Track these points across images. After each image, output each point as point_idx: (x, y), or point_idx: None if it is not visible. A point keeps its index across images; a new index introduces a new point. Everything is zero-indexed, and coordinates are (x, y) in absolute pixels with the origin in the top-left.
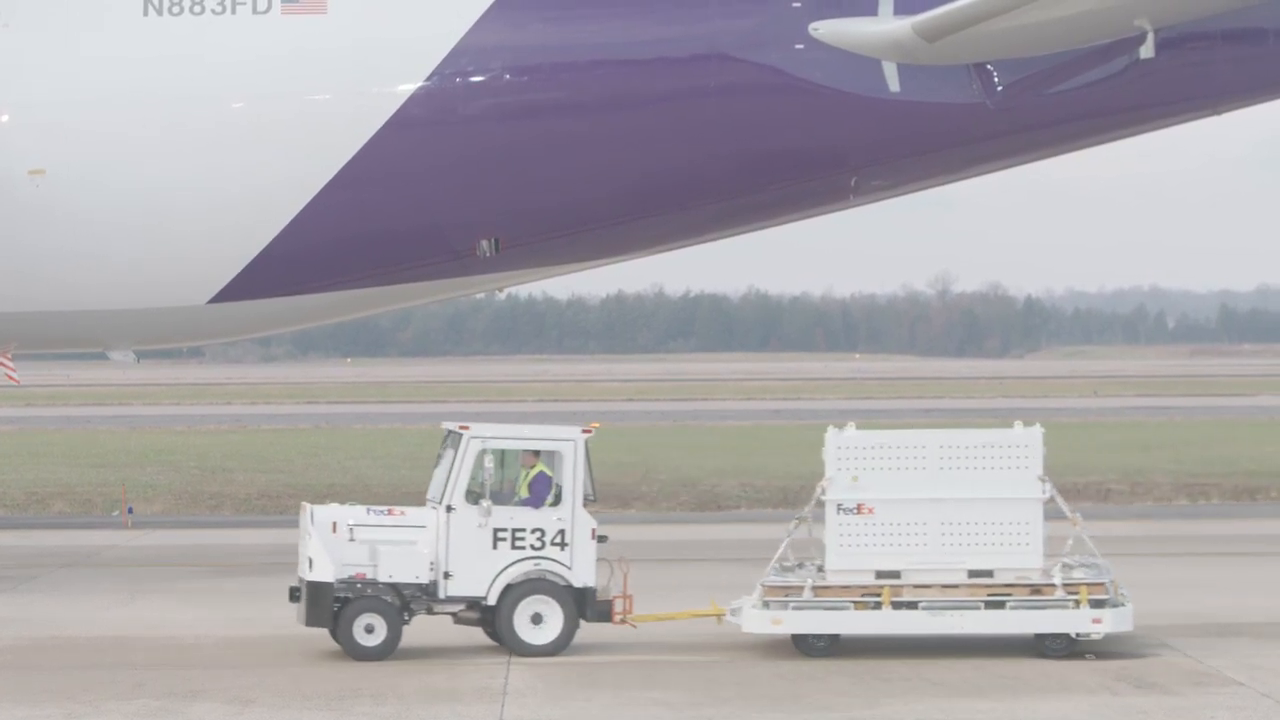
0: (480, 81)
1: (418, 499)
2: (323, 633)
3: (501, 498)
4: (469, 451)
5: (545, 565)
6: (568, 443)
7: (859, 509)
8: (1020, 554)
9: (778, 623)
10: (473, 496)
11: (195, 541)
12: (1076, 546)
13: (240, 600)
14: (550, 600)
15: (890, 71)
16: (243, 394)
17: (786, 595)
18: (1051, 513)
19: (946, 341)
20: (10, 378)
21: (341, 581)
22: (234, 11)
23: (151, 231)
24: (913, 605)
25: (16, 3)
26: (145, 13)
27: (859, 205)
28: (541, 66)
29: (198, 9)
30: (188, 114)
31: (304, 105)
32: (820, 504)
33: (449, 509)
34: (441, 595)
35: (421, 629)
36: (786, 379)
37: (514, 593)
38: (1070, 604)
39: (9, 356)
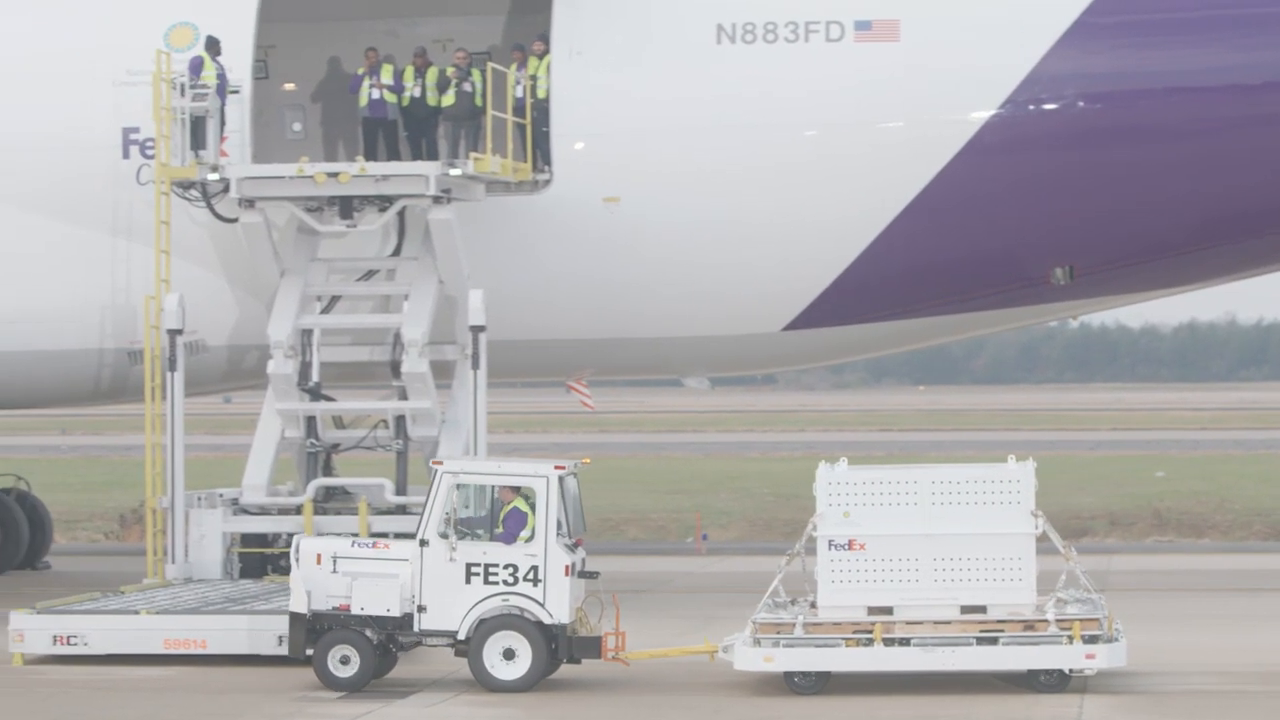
0: (1053, 109)
1: None
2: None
3: (477, 533)
4: (441, 486)
5: (515, 601)
6: (539, 479)
7: (850, 545)
8: (1013, 590)
9: (769, 660)
10: (444, 531)
11: (767, 569)
12: (1070, 581)
13: None
14: (520, 636)
15: None
16: (815, 421)
17: (778, 632)
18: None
19: None
20: (585, 404)
21: (316, 613)
22: (807, 40)
23: (726, 260)
24: (905, 642)
25: (589, 31)
26: (718, 41)
27: None
28: (1114, 94)
29: (770, 37)
30: (760, 143)
31: (877, 134)
32: (812, 540)
33: (423, 543)
34: (415, 629)
35: None
36: None
37: (484, 628)
38: (1063, 640)
39: (584, 383)
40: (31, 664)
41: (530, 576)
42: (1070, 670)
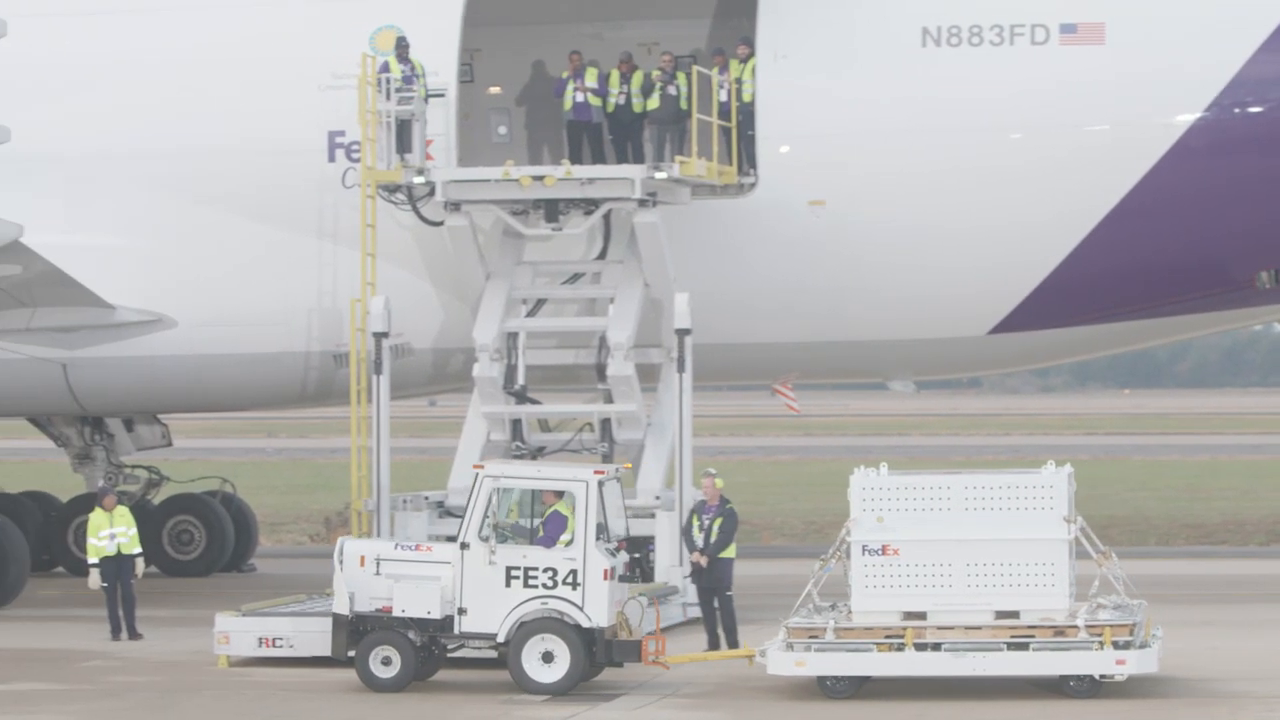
0: (1260, 111)
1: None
2: None
3: (521, 536)
4: (482, 490)
5: (554, 604)
6: (579, 483)
7: (884, 550)
8: (1046, 595)
9: (800, 664)
10: (485, 534)
11: None
12: (1105, 587)
13: None
14: (559, 640)
15: None
16: (1020, 424)
17: (810, 637)
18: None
19: None
20: (790, 407)
21: (358, 614)
22: (1012, 43)
23: (931, 263)
24: (936, 647)
25: (793, 34)
26: (923, 44)
27: None
28: None
29: (975, 40)
30: (966, 146)
31: (1082, 137)
32: (845, 545)
33: (463, 546)
34: (456, 631)
35: None
36: None
37: (523, 631)
38: (1094, 645)
39: (789, 386)
40: (236, 666)
41: (569, 580)
42: (1100, 676)
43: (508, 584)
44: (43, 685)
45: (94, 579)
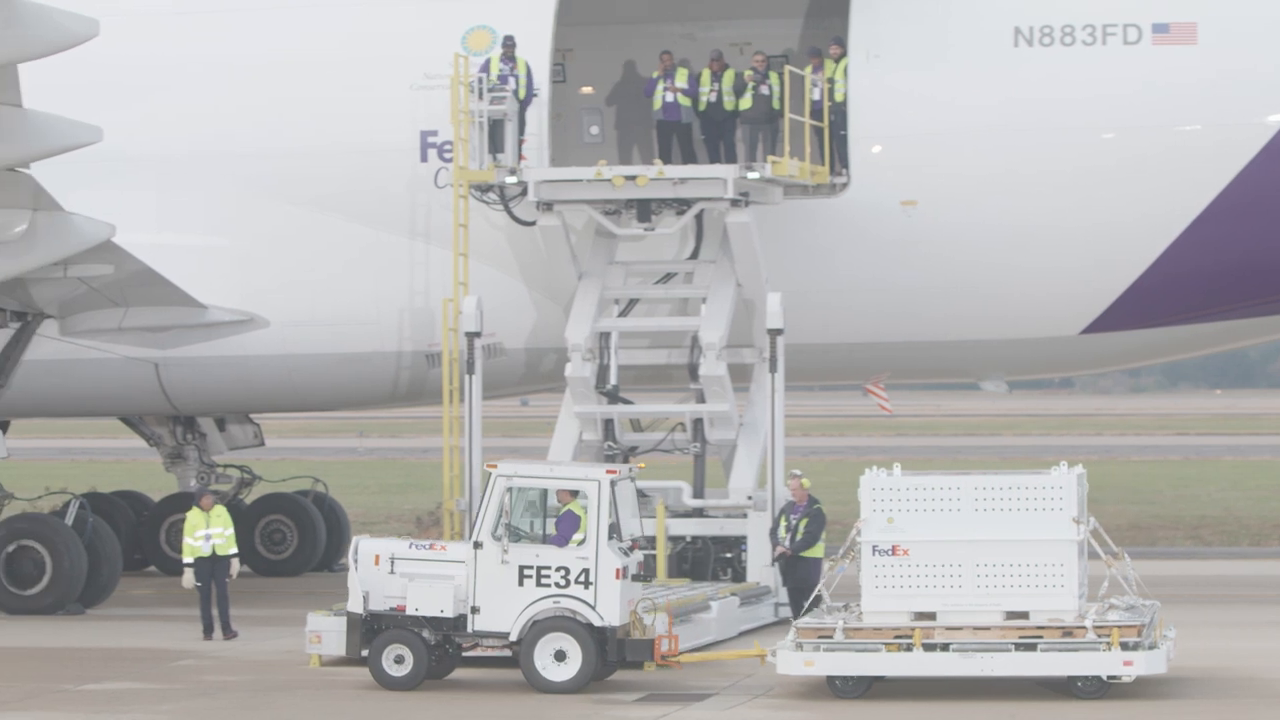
0: None
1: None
2: None
3: (533, 535)
4: (495, 489)
5: (566, 603)
6: (590, 482)
7: (894, 550)
8: (1055, 596)
9: (809, 664)
10: (497, 533)
11: None
12: (1114, 588)
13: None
14: (571, 639)
15: None
16: (1111, 425)
17: (820, 637)
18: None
19: None
20: (883, 407)
21: (372, 613)
22: (1104, 42)
23: (1023, 263)
24: (944, 647)
25: (886, 34)
26: (1015, 44)
27: None
28: None
29: (1068, 40)
30: (1058, 146)
31: (1174, 137)
32: (856, 545)
33: (477, 545)
34: (469, 630)
35: None
36: None
37: (536, 629)
38: (1101, 646)
39: (881, 386)
40: (328, 665)
41: (581, 579)
42: (1108, 677)
43: (520, 583)
44: (135, 684)
45: (188, 578)
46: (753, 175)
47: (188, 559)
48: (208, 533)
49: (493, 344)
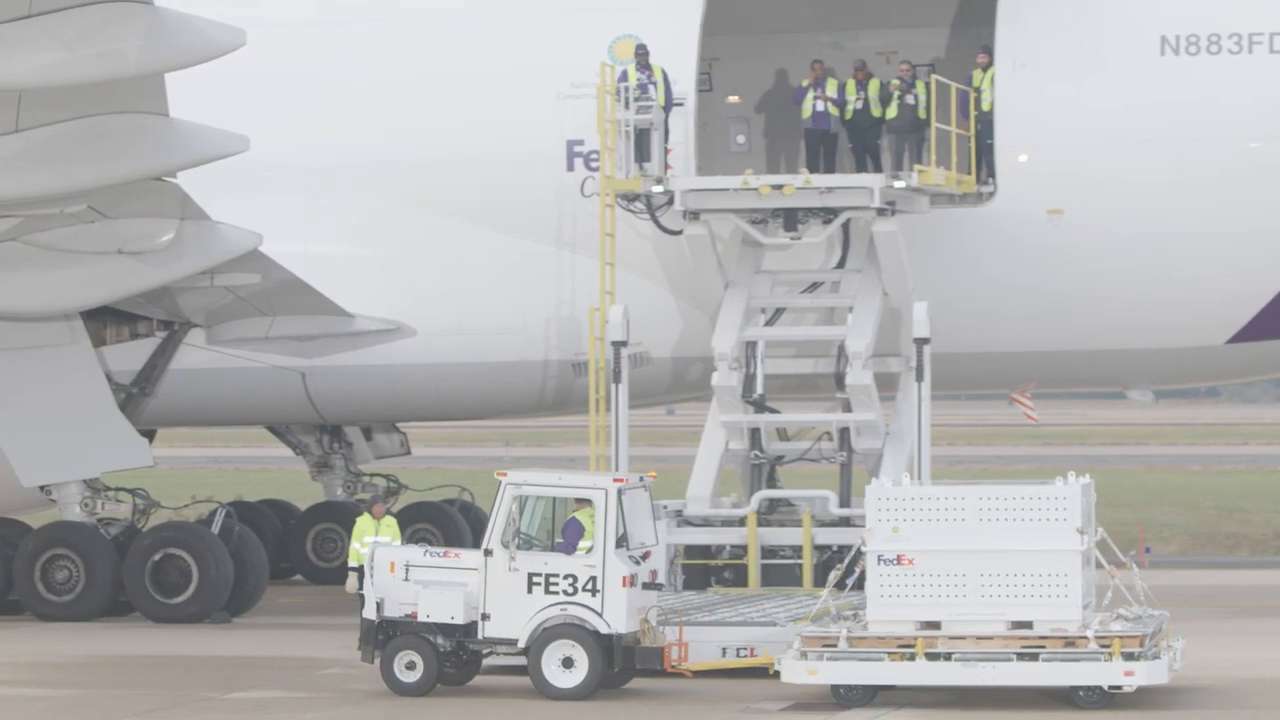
0: None
1: None
2: None
3: (543, 543)
4: (505, 497)
5: (574, 611)
6: (597, 491)
7: (899, 560)
8: (1059, 606)
9: (813, 673)
10: (507, 541)
11: (1213, 582)
12: (1117, 598)
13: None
14: (578, 646)
15: None
16: (1259, 434)
17: (824, 645)
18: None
19: None
20: (1029, 416)
21: (386, 620)
22: (1250, 51)
23: (1169, 272)
24: (947, 656)
25: (1033, 43)
26: (1162, 52)
27: None
28: None
29: (1214, 49)
30: (1204, 155)
31: None
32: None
33: (487, 553)
34: (479, 636)
35: None
36: None
37: (543, 636)
38: (1103, 656)
39: (1028, 395)
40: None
41: (589, 587)
42: (1110, 687)
43: (529, 590)
44: (281, 693)
45: (351, 583)
46: (899, 184)
47: (353, 564)
48: (375, 540)
49: (639, 353)
